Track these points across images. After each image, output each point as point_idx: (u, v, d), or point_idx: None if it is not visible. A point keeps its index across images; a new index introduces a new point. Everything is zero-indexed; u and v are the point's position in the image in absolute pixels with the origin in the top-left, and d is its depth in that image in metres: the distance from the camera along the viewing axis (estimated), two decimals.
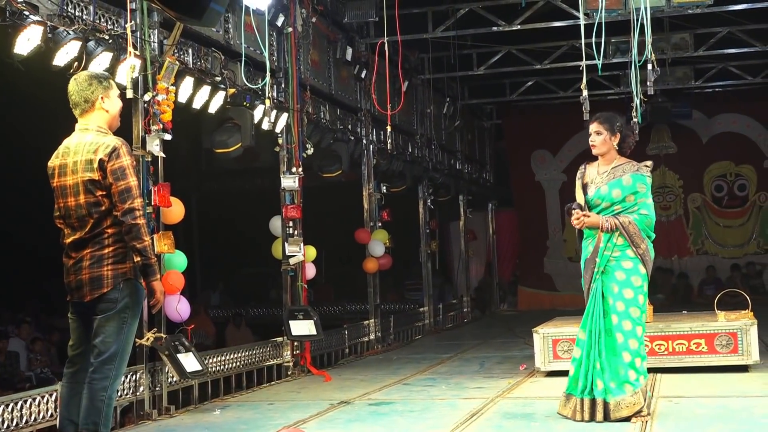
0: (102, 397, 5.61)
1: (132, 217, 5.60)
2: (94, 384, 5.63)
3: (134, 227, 5.60)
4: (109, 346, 5.66)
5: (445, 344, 14.89)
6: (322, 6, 12.96)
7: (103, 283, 5.69)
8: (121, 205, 5.62)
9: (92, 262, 5.70)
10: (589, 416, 7.07)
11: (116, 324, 5.69)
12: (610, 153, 7.31)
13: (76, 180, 5.73)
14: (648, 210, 7.19)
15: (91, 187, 5.69)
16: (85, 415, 5.61)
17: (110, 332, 5.68)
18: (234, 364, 10.31)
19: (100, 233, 5.70)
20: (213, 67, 9.95)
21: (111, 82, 5.98)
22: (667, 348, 9.74)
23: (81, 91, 5.83)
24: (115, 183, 5.63)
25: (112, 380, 5.66)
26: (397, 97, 13.61)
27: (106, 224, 5.70)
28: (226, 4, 6.93)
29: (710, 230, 23.00)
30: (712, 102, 22.32)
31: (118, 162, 5.65)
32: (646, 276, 7.19)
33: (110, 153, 5.66)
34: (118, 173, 5.63)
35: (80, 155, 5.73)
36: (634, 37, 9.35)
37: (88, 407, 5.60)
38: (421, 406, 8.62)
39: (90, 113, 5.85)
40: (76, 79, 5.88)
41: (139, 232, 5.61)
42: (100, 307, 5.71)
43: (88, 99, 5.83)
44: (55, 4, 7.64)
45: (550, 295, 22.89)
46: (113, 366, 5.67)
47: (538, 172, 23.78)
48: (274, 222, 11.68)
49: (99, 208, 5.70)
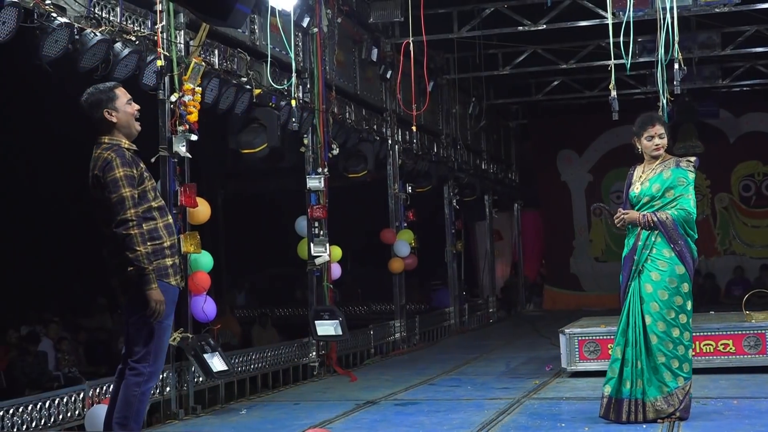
0: (134, 392, 5.75)
1: (124, 228, 5.65)
2: (128, 380, 5.80)
3: (126, 238, 5.65)
4: (141, 347, 5.79)
5: (470, 344, 14.88)
6: (348, 6, 12.96)
7: (126, 287, 5.80)
8: (114, 218, 5.68)
9: (117, 270, 5.81)
10: (633, 417, 7.00)
11: (140, 329, 5.80)
12: None
13: (92, 193, 5.86)
14: (687, 206, 7.06)
15: (98, 201, 5.80)
16: (119, 408, 5.78)
17: (137, 336, 5.81)
18: (260, 364, 10.33)
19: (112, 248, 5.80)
20: (239, 68, 9.99)
21: (115, 91, 5.97)
22: (695, 349, 9.64)
23: (88, 110, 5.91)
24: (108, 196, 5.70)
25: (145, 378, 5.78)
26: (423, 97, 13.61)
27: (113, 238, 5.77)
28: (251, 5, 6.92)
29: (738, 230, 22.86)
30: (740, 101, 22.20)
31: (111, 174, 5.71)
32: (686, 276, 7.08)
33: (104, 167, 5.74)
34: (110, 186, 5.70)
35: (90, 172, 5.86)
36: (661, 36, 9.30)
37: (122, 401, 5.77)
38: (447, 406, 8.61)
39: (101, 127, 5.91)
40: (83, 99, 5.94)
41: (132, 243, 5.64)
42: (129, 310, 5.85)
43: (95, 116, 5.90)
44: (83, 6, 7.68)
45: (576, 295, 22.83)
46: (147, 365, 5.78)
47: (564, 172, 23.72)
48: (299, 222, 11.70)
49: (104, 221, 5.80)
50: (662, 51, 9.18)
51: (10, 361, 12.69)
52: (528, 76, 19.76)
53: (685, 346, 7.08)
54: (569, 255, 23.57)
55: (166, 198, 8.50)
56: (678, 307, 7.06)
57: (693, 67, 16.70)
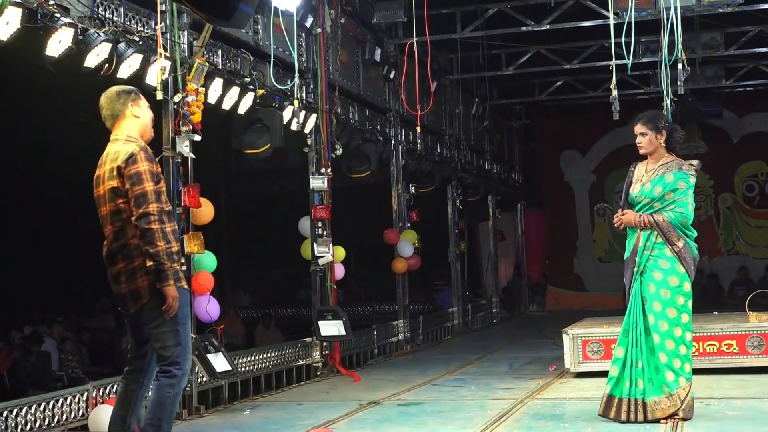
0: (168, 394, 5.73)
1: (146, 222, 5.61)
2: (161, 381, 5.76)
3: (147, 231, 5.61)
4: (170, 351, 5.75)
5: (474, 345, 14.88)
6: (351, 7, 12.97)
7: (141, 294, 5.73)
8: (136, 210, 5.64)
9: (127, 276, 5.75)
10: (633, 417, 7.01)
11: (169, 329, 5.75)
12: (657, 151, 7.26)
13: (105, 189, 5.80)
14: (684, 208, 7.11)
15: (113, 195, 5.75)
16: (151, 410, 5.74)
17: (166, 338, 5.75)
18: (263, 364, 10.34)
19: (125, 245, 5.74)
20: (242, 68, 9.99)
21: (139, 94, 6.03)
22: (698, 349, 9.66)
23: (111, 104, 5.89)
24: (131, 188, 5.66)
25: (178, 379, 5.77)
26: (426, 97, 13.59)
27: (130, 234, 5.72)
28: (255, 6, 6.94)
29: (741, 230, 22.85)
30: (743, 101, 22.17)
31: (135, 167, 5.68)
32: (686, 275, 7.11)
33: (127, 159, 5.69)
34: (134, 178, 5.67)
35: (107, 164, 5.79)
36: (664, 36, 9.30)
37: (155, 404, 5.74)
38: (450, 406, 8.62)
39: (120, 122, 5.89)
40: (105, 94, 5.94)
41: (153, 237, 5.61)
42: (147, 317, 5.76)
43: (118, 110, 5.87)
44: (86, 6, 7.69)
45: (579, 296, 22.82)
46: (179, 367, 5.77)
47: (568, 173, 23.71)
48: (303, 222, 11.71)
49: (120, 216, 5.74)
50: (665, 51, 9.16)
51: (13, 362, 12.71)
52: (531, 77, 19.74)
53: (686, 346, 7.09)
54: (572, 255, 23.57)
55: (170, 199, 8.51)
56: (680, 307, 7.07)
57: (696, 68, 16.67)
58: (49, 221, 17.08)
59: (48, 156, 15.36)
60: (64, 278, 17.94)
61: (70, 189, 6.05)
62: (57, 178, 15.74)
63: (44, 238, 17.31)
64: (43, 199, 16.57)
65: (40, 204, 16.70)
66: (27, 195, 16.45)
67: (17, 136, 14.70)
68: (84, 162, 6.21)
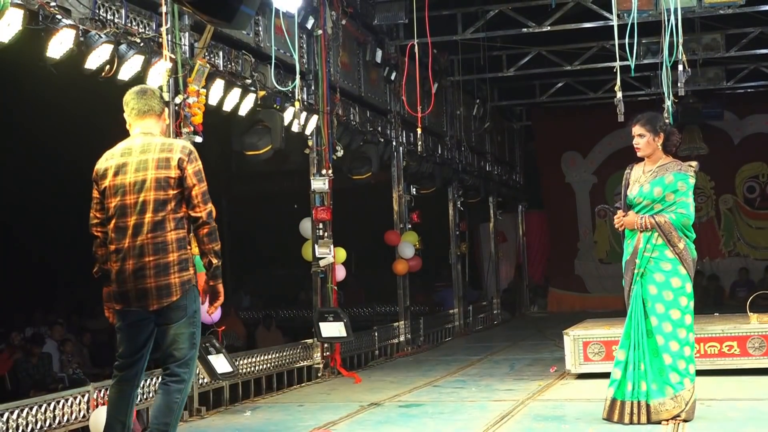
0: (177, 399, 5.67)
1: (211, 218, 5.68)
2: (170, 386, 5.66)
3: (215, 230, 5.67)
4: (185, 353, 5.69)
5: (474, 346, 14.88)
6: (352, 8, 12.97)
7: (171, 291, 5.61)
8: (203, 206, 5.64)
9: (158, 271, 5.58)
10: (636, 419, 6.99)
11: (188, 330, 5.71)
12: (655, 153, 7.25)
13: (144, 177, 5.61)
14: (685, 209, 7.11)
15: (165, 185, 5.60)
16: (158, 414, 5.65)
17: (184, 339, 5.69)
18: (264, 365, 10.34)
19: (162, 239, 5.59)
20: (243, 70, 9.99)
21: None
22: (699, 350, 9.64)
23: (149, 99, 5.82)
24: (198, 184, 5.65)
25: (186, 383, 5.72)
26: (427, 98, 13.61)
27: (169, 227, 5.60)
28: (256, 7, 6.94)
29: (742, 232, 22.86)
30: (744, 103, 22.18)
31: (198, 164, 5.69)
32: (688, 277, 7.12)
33: (189, 153, 5.68)
34: (200, 175, 5.68)
35: (152, 153, 5.65)
36: (665, 37, 9.29)
37: (162, 408, 5.65)
38: (451, 408, 8.61)
39: (151, 120, 5.81)
40: (142, 88, 5.90)
41: (217, 235, 5.69)
42: (170, 315, 5.65)
43: (155, 107, 5.83)
44: (87, 8, 7.69)
45: (580, 297, 22.83)
46: (188, 370, 5.72)
47: (569, 174, 23.73)
48: (304, 224, 11.71)
49: (165, 207, 5.59)
50: (667, 53, 9.16)
51: (14, 363, 12.70)
52: (532, 78, 19.79)
53: (690, 347, 7.10)
54: (574, 256, 23.58)
55: None
56: (683, 308, 7.07)
57: (697, 69, 16.70)
58: (50, 222, 17.08)
59: (49, 157, 15.37)
60: (65, 279, 17.94)
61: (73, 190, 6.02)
62: (59, 178, 15.75)
63: (45, 239, 17.32)
64: (46, 200, 16.58)
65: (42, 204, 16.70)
66: (29, 195, 16.45)
67: (19, 137, 14.71)
68: (87, 162, 6.16)
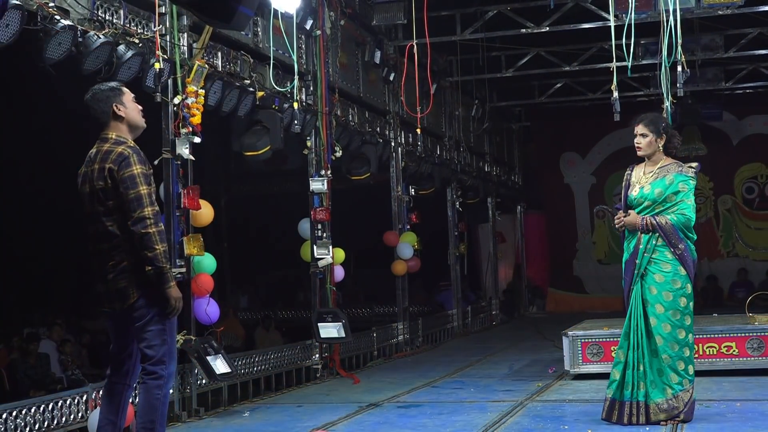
0: (157, 395, 5.65)
1: (142, 226, 5.52)
2: (148, 384, 5.67)
3: (144, 236, 5.53)
4: (156, 350, 5.66)
5: (473, 347, 14.88)
6: (351, 9, 12.97)
7: (128, 293, 5.64)
8: (132, 214, 5.55)
9: (115, 274, 5.66)
10: (635, 420, 7.00)
11: (156, 328, 5.67)
12: (656, 155, 7.26)
13: (92, 188, 5.70)
14: (687, 210, 7.12)
15: (102, 196, 5.65)
16: (142, 413, 5.66)
17: (152, 336, 5.67)
18: (263, 366, 10.34)
19: (117, 245, 5.64)
20: (242, 71, 9.99)
21: (122, 88, 5.92)
22: (698, 351, 9.63)
23: (96, 104, 5.80)
24: (125, 192, 5.57)
25: (165, 380, 5.69)
26: (426, 99, 13.60)
27: (121, 235, 5.63)
28: (254, 8, 6.93)
29: (741, 232, 22.87)
30: (743, 103, 22.19)
31: (129, 171, 5.59)
32: (688, 278, 7.11)
33: (120, 162, 5.60)
34: (128, 182, 5.57)
35: (96, 164, 5.70)
36: (664, 38, 9.30)
37: (145, 407, 5.66)
38: (450, 408, 8.62)
39: (108, 123, 5.80)
40: (89, 96, 5.85)
41: (150, 241, 5.53)
42: (134, 315, 5.68)
43: (104, 111, 5.79)
44: (86, 9, 7.68)
45: (579, 298, 22.83)
46: (164, 366, 5.68)
47: (567, 175, 23.74)
48: (302, 225, 11.70)
49: (110, 217, 5.64)
50: (665, 53, 9.17)
51: (11, 363, 12.68)
52: (531, 79, 19.78)
53: (689, 348, 7.10)
54: (572, 257, 23.59)
55: (170, 200, 8.54)
56: (682, 309, 7.07)
57: (696, 70, 16.70)
58: (49, 222, 17.06)
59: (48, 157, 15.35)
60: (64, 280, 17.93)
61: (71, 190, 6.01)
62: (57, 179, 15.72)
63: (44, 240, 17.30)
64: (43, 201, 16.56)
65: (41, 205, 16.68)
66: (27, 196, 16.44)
67: (17, 138, 14.70)
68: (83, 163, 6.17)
